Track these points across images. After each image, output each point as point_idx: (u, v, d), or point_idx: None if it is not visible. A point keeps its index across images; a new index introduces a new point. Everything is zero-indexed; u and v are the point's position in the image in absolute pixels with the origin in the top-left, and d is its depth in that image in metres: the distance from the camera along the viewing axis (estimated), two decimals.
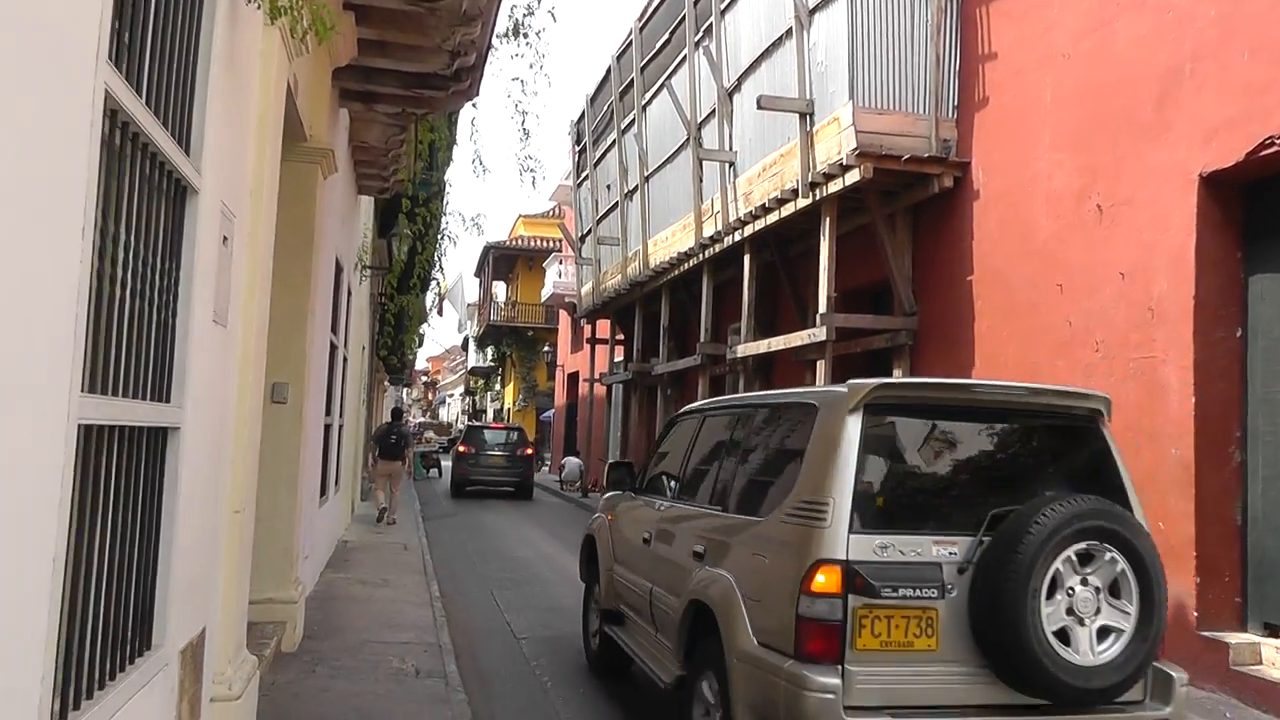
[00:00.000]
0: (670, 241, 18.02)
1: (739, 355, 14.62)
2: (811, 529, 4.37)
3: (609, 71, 21.71)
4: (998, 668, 4.35)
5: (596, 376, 26.02)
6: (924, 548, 4.36)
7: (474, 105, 9.12)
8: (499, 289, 52.85)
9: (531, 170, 10.52)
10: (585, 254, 24.90)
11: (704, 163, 15.95)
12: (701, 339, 16.68)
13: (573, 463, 27.43)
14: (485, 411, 62.72)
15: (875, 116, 11.12)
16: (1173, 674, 4.61)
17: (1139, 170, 8.49)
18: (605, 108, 22.47)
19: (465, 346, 66.17)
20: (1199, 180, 7.72)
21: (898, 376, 11.74)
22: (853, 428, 4.48)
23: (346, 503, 15.68)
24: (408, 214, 12.04)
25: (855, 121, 10.95)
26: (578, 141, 25.79)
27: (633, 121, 20.06)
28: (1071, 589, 4.34)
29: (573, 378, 35.67)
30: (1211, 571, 7.63)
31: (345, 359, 12.70)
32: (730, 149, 14.85)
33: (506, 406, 52.78)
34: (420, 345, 49.77)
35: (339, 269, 10.79)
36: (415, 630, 7.88)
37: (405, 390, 67.89)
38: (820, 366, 12.03)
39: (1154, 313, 8.19)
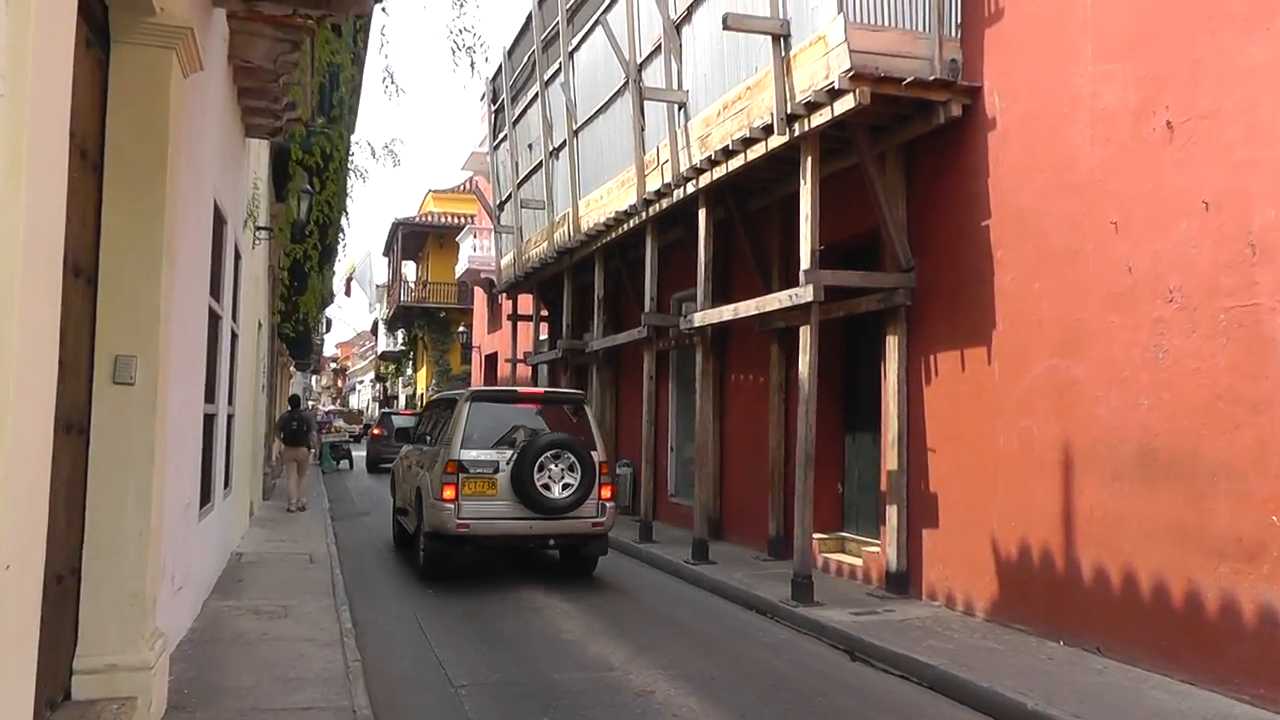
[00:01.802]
0: (605, 201, 15.98)
1: (696, 325, 12.70)
2: (449, 448, 10.67)
3: (529, 19, 19.60)
4: (521, 501, 10.55)
5: (520, 356, 23.72)
6: (491, 455, 10.68)
7: (383, 9, 7.01)
8: (409, 268, 50.28)
9: (469, 49, 8.23)
10: (505, 222, 22.68)
11: (646, 107, 13.99)
12: (646, 308, 14.68)
13: None
14: (397, 398, 60.08)
15: (869, 34, 9.27)
16: (601, 501, 11.11)
17: (1227, 73, 6.80)
18: (526, 59, 20.32)
19: (375, 330, 63.23)
20: None
21: (893, 345, 10.04)
22: (466, 407, 10.99)
23: (243, 506, 13.45)
24: (302, 143, 9.73)
25: (848, 38, 9.10)
26: (494, 100, 23.57)
27: (558, 70, 17.94)
28: (550, 469, 10.64)
29: (490, 359, 33.40)
30: None
31: (235, 334, 10.52)
32: (680, 88, 12.94)
33: (419, 392, 50.23)
34: (328, 330, 47.13)
35: (221, 220, 8.65)
36: (320, 686, 5.84)
37: (314, 377, 64.91)
38: (805, 334, 10.11)
39: (1256, 249, 6.52)
